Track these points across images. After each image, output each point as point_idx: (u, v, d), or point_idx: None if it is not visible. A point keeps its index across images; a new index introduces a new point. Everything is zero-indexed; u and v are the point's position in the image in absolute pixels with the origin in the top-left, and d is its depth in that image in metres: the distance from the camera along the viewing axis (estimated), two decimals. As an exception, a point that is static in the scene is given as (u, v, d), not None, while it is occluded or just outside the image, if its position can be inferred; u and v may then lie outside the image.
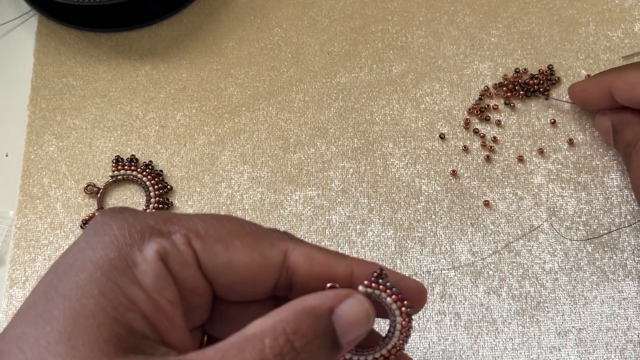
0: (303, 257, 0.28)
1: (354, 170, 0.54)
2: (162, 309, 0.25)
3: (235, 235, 0.28)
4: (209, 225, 0.27)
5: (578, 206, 0.52)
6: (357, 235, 0.51)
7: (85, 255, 0.25)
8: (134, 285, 0.25)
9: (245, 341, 0.24)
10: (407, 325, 0.28)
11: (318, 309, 0.26)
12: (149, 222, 0.27)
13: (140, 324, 0.24)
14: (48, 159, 0.55)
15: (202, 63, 0.58)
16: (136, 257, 0.25)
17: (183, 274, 0.26)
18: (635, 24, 0.58)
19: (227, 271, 0.27)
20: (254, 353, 0.24)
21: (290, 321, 0.25)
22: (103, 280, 0.24)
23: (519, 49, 0.58)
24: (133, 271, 0.25)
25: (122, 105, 0.57)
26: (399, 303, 0.28)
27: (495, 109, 0.55)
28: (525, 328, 0.48)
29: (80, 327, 0.23)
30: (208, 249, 0.27)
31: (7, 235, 0.52)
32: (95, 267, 0.25)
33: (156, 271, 0.25)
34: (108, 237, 0.26)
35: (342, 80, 0.57)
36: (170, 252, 0.26)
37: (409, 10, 0.60)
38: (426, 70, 0.57)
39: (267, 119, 0.56)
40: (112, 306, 0.24)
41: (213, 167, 0.54)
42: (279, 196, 0.53)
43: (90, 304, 0.24)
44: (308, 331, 0.25)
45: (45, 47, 0.59)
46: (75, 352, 0.23)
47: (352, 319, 0.27)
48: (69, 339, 0.23)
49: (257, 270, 0.28)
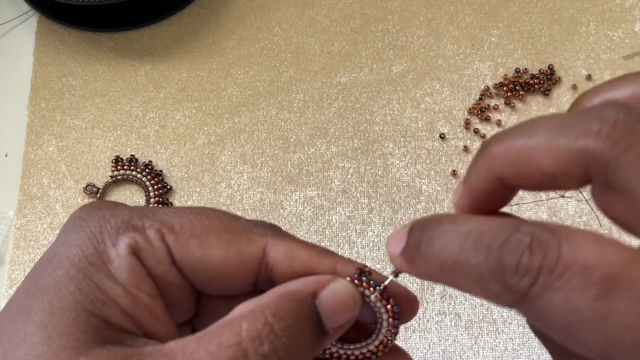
0: (283, 254, 0.28)
1: (354, 170, 0.54)
2: (141, 302, 0.25)
3: (212, 230, 0.27)
4: (184, 220, 0.27)
5: (578, 206, 0.52)
6: (357, 235, 0.51)
7: (62, 251, 0.26)
8: (110, 281, 0.25)
9: (224, 326, 0.24)
10: (393, 323, 0.28)
11: (299, 292, 0.26)
12: (124, 218, 0.27)
13: (118, 317, 0.25)
14: (48, 159, 0.55)
15: (202, 63, 0.58)
16: (110, 253, 0.26)
17: (157, 269, 0.27)
18: (636, 23, 0.58)
19: (202, 267, 0.27)
20: (230, 337, 0.23)
21: (270, 305, 0.24)
22: (79, 277, 0.25)
23: (519, 48, 0.58)
24: (108, 267, 0.25)
25: (122, 105, 0.57)
26: (384, 301, 0.28)
27: (495, 108, 0.55)
28: (526, 328, 0.48)
29: (57, 319, 0.24)
30: (182, 244, 0.27)
31: (6, 235, 0.52)
32: (71, 264, 0.25)
33: (130, 266, 0.26)
34: (84, 234, 0.26)
35: (342, 80, 0.57)
36: (143, 247, 0.26)
37: (409, 10, 0.60)
38: (426, 70, 0.57)
39: (267, 118, 0.56)
40: (89, 301, 0.24)
41: (213, 167, 0.54)
42: (279, 196, 0.53)
43: (67, 299, 0.24)
44: (288, 314, 0.24)
45: (44, 47, 0.59)
46: (51, 343, 0.23)
47: (337, 302, 0.26)
48: (45, 330, 0.23)
49: (233, 267, 0.27)
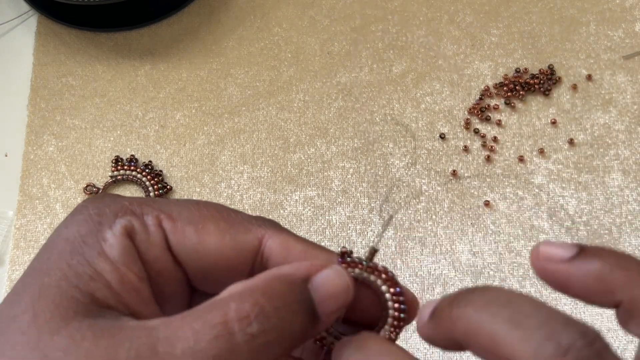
0: (279, 246, 0.28)
1: (354, 170, 0.54)
2: (129, 281, 0.25)
3: (210, 219, 0.27)
4: (183, 208, 0.27)
5: (579, 206, 0.52)
6: (357, 235, 0.51)
7: (59, 233, 0.26)
8: (101, 257, 0.25)
9: (212, 305, 0.24)
10: (399, 308, 0.27)
11: (292, 275, 0.25)
12: (124, 204, 0.27)
13: (103, 293, 0.25)
14: (47, 159, 0.55)
15: (202, 63, 0.58)
16: (106, 233, 0.26)
17: (151, 254, 0.27)
18: (636, 23, 0.58)
19: (197, 254, 0.27)
20: (217, 316, 0.23)
21: (261, 286, 0.24)
22: (71, 254, 0.25)
23: (519, 48, 0.58)
24: (102, 245, 0.25)
25: (122, 105, 0.57)
26: (388, 282, 0.27)
27: (495, 108, 0.55)
28: (526, 328, 0.48)
29: (43, 296, 0.24)
30: (178, 230, 0.27)
31: (6, 235, 0.52)
32: (66, 243, 0.26)
33: (122, 245, 0.26)
34: (82, 216, 0.26)
35: (342, 80, 0.57)
36: (138, 230, 0.26)
37: (409, 9, 0.60)
38: (426, 70, 0.57)
39: (267, 118, 0.56)
40: (75, 275, 0.24)
41: (213, 167, 0.54)
42: (279, 196, 0.53)
43: (56, 275, 0.24)
44: (279, 296, 0.24)
45: (44, 46, 0.59)
46: (36, 318, 0.23)
47: (331, 288, 0.26)
48: (33, 307, 0.24)
49: (228, 254, 0.27)
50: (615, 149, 0.53)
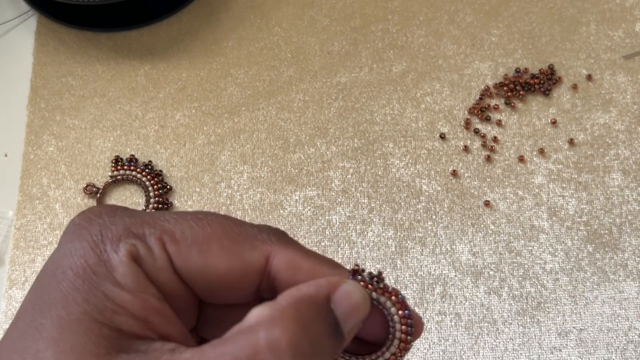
0: (286, 264, 0.27)
1: (354, 170, 0.54)
2: (151, 305, 0.25)
3: (214, 238, 0.27)
4: (186, 227, 0.27)
5: (579, 206, 0.52)
6: (357, 235, 0.51)
7: (65, 262, 0.25)
8: (117, 288, 0.25)
9: (239, 334, 0.23)
10: (406, 330, 0.28)
11: (316, 296, 0.25)
12: (125, 224, 0.26)
13: (129, 324, 0.24)
14: (47, 159, 0.55)
15: (202, 63, 0.58)
16: (113, 260, 0.25)
17: (159, 278, 0.26)
18: (636, 23, 0.58)
19: (203, 276, 0.27)
20: (247, 346, 0.23)
21: (288, 311, 0.24)
22: (86, 288, 0.24)
23: (519, 48, 0.58)
24: (113, 275, 0.25)
25: (122, 105, 0.57)
26: (398, 305, 0.27)
27: (495, 108, 0.55)
28: (526, 328, 0.48)
29: (67, 333, 0.23)
30: (183, 253, 0.26)
31: (6, 235, 0.52)
32: (76, 275, 0.25)
33: (133, 271, 0.25)
34: (86, 243, 0.26)
35: (342, 80, 0.57)
36: (144, 255, 0.26)
37: (409, 9, 0.60)
38: (426, 70, 0.57)
39: (267, 118, 0.56)
40: (97, 311, 0.24)
41: (213, 167, 0.54)
42: (279, 196, 0.53)
43: (75, 311, 0.24)
44: (308, 320, 0.24)
45: (44, 46, 0.59)
46: (64, 358, 0.23)
47: (352, 303, 0.26)
48: (57, 345, 0.23)
49: (234, 276, 0.27)
50: (615, 149, 0.53)
